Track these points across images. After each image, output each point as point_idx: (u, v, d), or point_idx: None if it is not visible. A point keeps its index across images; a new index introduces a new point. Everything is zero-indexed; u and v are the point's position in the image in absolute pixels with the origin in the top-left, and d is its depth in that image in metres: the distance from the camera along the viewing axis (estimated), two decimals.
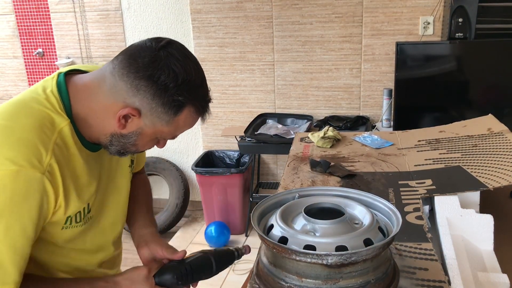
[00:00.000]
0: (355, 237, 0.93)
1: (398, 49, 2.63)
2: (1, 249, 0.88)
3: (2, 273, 0.89)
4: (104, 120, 0.98)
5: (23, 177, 0.87)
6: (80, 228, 1.04)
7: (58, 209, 0.96)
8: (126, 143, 1.01)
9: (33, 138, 0.90)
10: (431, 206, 1.40)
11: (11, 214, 0.88)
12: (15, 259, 0.90)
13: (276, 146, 2.96)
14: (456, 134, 1.89)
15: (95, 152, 1.05)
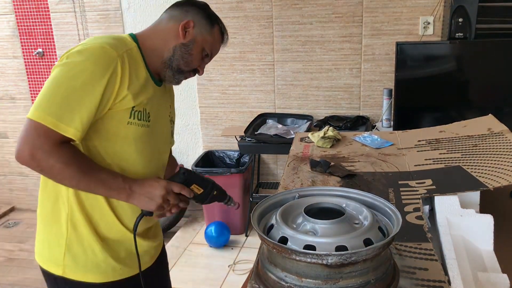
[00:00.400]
0: (355, 237, 0.93)
1: (398, 49, 2.63)
2: (76, 98, 1.12)
3: (69, 117, 1.11)
4: (166, 40, 1.30)
5: (105, 51, 1.16)
6: (141, 129, 1.26)
7: (122, 95, 1.19)
8: (184, 52, 1.30)
9: (113, 41, 1.21)
10: (431, 206, 1.40)
11: (91, 74, 1.13)
12: (83, 111, 1.13)
13: (276, 146, 2.96)
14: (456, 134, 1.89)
15: (157, 86, 1.35)
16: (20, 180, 3.99)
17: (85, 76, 1.13)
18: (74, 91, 1.12)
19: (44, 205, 1.36)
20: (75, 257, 1.27)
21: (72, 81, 1.12)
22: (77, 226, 1.27)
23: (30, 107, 3.81)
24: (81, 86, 1.12)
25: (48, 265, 1.30)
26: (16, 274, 3.10)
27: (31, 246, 3.45)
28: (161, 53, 1.30)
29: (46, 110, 1.10)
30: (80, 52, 1.16)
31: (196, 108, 3.47)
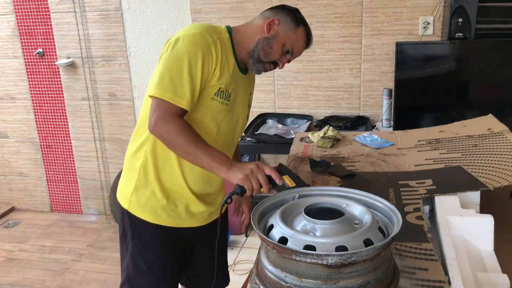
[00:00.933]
0: (355, 237, 0.93)
1: (398, 49, 2.63)
2: (185, 76, 1.35)
3: (181, 91, 1.35)
4: (254, 33, 1.50)
5: (203, 36, 1.39)
6: (220, 106, 1.46)
7: (214, 74, 1.41)
8: (266, 45, 1.48)
9: (209, 29, 1.44)
10: (431, 206, 1.40)
11: (194, 55, 1.36)
12: (191, 86, 1.36)
13: (276, 146, 2.96)
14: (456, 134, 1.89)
15: (242, 74, 1.55)
16: (20, 180, 3.99)
17: (189, 57, 1.36)
18: (182, 70, 1.35)
19: (129, 153, 1.57)
20: (139, 197, 1.52)
21: (179, 62, 1.36)
22: (147, 173, 1.51)
23: (30, 107, 3.81)
24: (187, 66, 1.36)
25: (121, 199, 1.56)
26: (16, 274, 3.10)
27: (31, 246, 3.45)
28: (247, 45, 1.50)
29: (164, 87, 1.34)
30: (183, 38, 1.38)
31: None
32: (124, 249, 1.59)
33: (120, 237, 1.61)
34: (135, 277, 1.58)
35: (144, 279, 1.58)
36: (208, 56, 1.39)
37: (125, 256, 1.59)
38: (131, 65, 3.47)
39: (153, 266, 1.57)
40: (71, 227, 3.74)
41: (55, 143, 3.81)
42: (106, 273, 3.04)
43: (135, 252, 1.56)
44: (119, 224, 1.58)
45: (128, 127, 3.63)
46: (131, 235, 1.55)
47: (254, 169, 1.29)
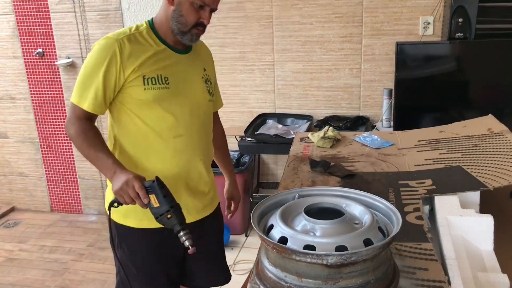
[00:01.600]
0: (355, 237, 0.93)
1: (398, 49, 2.63)
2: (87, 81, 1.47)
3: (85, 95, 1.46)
4: (165, 13, 1.54)
5: (106, 41, 1.48)
6: (159, 91, 1.51)
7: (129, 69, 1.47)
8: (177, 16, 1.50)
9: (121, 30, 1.53)
10: (431, 206, 1.40)
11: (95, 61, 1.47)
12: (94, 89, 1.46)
13: (276, 146, 2.96)
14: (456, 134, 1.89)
15: (178, 53, 1.59)
16: (20, 180, 3.99)
17: (92, 65, 1.48)
18: (86, 76, 1.48)
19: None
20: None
21: (86, 69, 1.49)
22: None
23: (30, 107, 3.80)
24: (89, 72, 1.48)
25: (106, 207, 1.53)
26: (16, 274, 3.10)
27: (31, 246, 3.45)
28: (167, 26, 1.55)
29: (74, 92, 1.49)
30: (94, 47, 1.51)
31: None
32: (115, 255, 1.61)
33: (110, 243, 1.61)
34: (127, 281, 1.60)
35: (136, 282, 1.61)
36: (111, 58, 1.46)
37: (116, 261, 1.62)
38: None
39: (143, 269, 1.60)
40: (71, 227, 3.74)
41: (55, 143, 3.81)
42: (106, 273, 3.04)
43: (124, 258, 1.59)
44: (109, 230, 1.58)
45: None
46: (118, 241, 1.59)
47: (124, 186, 1.35)
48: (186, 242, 1.36)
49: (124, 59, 1.47)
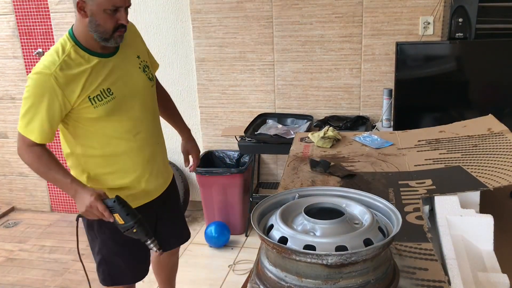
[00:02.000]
0: (355, 237, 0.93)
1: (398, 49, 2.63)
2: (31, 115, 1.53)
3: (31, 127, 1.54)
4: (81, 25, 1.56)
5: (40, 77, 1.52)
6: (108, 104, 1.59)
7: (73, 95, 1.54)
8: (95, 25, 1.53)
9: (50, 58, 1.54)
10: (431, 206, 1.40)
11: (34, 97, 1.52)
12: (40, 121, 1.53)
13: (276, 146, 2.96)
14: (456, 134, 1.89)
15: (110, 57, 1.63)
16: (20, 180, 3.99)
17: (32, 99, 1.53)
18: (28, 109, 1.54)
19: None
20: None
21: (26, 103, 1.54)
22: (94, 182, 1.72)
23: None
24: (31, 106, 1.53)
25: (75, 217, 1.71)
26: (16, 274, 3.10)
27: (31, 246, 3.45)
28: (89, 37, 1.57)
29: (19, 123, 1.57)
30: (30, 77, 1.54)
31: (196, 108, 3.48)
32: (93, 237, 1.81)
33: (86, 229, 1.82)
34: (109, 257, 1.82)
35: (117, 256, 1.82)
36: (51, 92, 1.52)
37: (95, 243, 1.82)
38: None
39: (123, 244, 1.76)
40: (71, 227, 3.74)
41: (55, 143, 3.81)
42: None
43: (105, 238, 1.78)
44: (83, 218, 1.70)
45: None
46: (98, 225, 1.75)
47: (88, 209, 1.52)
48: (154, 248, 1.59)
49: (65, 90, 1.53)
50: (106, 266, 1.85)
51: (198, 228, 3.45)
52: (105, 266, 1.86)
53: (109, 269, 1.86)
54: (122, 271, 1.85)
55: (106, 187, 1.71)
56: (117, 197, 1.53)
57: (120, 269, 1.85)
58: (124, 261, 1.84)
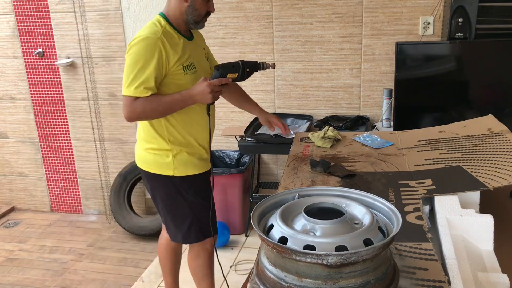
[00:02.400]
0: (355, 237, 0.93)
1: (398, 49, 2.63)
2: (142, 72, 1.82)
3: (140, 84, 1.82)
4: (179, 8, 1.93)
5: (150, 38, 1.84)
6: (193, 75, 1.93)
7: (172, 60, 1.86)
8: (192, 11, 1.91)
9: (154, 28, 1.89)
10: (431, 206, 1.40)
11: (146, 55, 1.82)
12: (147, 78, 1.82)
13: (276, 146, 2.96)
14: (456, 134, 1.89)
15: (189, 41, 2.00)
16: (20, 180, 3.99)
17: (142, 61, 1.82)
18: (139, 71, 1.82)
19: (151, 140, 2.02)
20: (179, 162, 2.01)
21: (135, 65, 1.82)
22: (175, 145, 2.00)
23: (30, 107, 3.81)
24: (141, 67, 1.82)
25: (162, 171, 2.02)
26: (16, 274, 3.11)
27: (31, 246, 3.45)
28: (181, 19, 1.93)
29: (127, 86, 1.83)
30: (137, 43, 1.84)
31: None
32: (181, 202, 2.06)
33: (171, 198, 2.07)
34: (199, 215, 2.07)
35: (204, 212, 2.08)
36: (159, 53, 1.82)
37: (183, 207, 2.07)
38: None
39: (205, 200, 2.09)
40: (71, 227, 3.74)
41: (55, 143, 3.81)
42: (106, 273, 3.04)
43: (192, 199, 2.06)
44: (167, 191, 2.04)
45: (128, 127, 3.62)
46: (185, 189, 2.04)
47: (211, 93, 1.81)
48: (270, 67, 1.92)
49: (168, 53, 1.84)
50: (198, 223, 2.09)
51: None
52: (197, 224, 2.09)
53: (200, 225, 2.10)
54: (208, 224, 2.10)
55: (180, 147, 2.00)
56: (215, 67, 1.83)
57: (207, 223, 2.09)
58: (210, 214, 2.09)
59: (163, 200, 2.09)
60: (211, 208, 2.08)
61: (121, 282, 2.93)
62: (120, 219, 3.51)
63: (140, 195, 3.79)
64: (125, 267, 3.09)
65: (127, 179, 3.59)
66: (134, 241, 3.43)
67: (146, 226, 3.42)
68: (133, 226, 3.44)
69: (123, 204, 3.56)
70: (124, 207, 3.55)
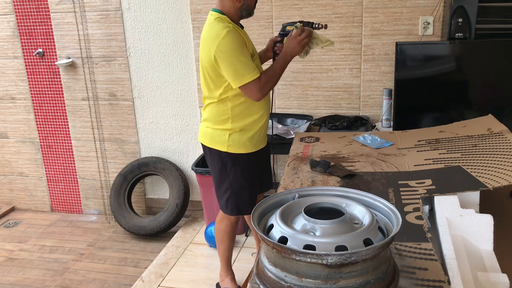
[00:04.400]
0: (355, 237, 0.93)
1: (398, 49, 2.63)
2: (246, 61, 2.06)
3: (250, 69, 2.06)
4: (233, 7, 2.16)
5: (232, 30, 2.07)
6: (255, 62, 2.16)
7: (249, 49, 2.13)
8: (245, 8, 2.18)
9: (221, 24, 2.09)
10: (431, 206, 1.41)
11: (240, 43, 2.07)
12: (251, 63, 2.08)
13: (276, 146, 2.96)
14: (456, 134, 1.90)
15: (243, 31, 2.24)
16: (20, 180, 3.99)
17: (240, 49, 2.06)
18: (242, 57, 2.06)
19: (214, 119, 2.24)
20: (234, 140, 2.23)
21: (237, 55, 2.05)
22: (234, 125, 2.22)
23: (30, 107, 3.81)
24: (241, 53, 2.05)
25: (218, 146, 2.25)
26: (16, 274, 3.11)
27: (31, 246, 3.46)
28: (236, 14, 2.18)
29: (241, 76, 2.06)
30: (223, 39, 2.02)
31: (196, 108, 3.48)
32: (225, 177, 2.29)
33: (218, 171, 2.30)
34: (238, 191, 2.30)
35: (244, 190, 2.30)
36: (243, 41, 2.09)
37: (225, 182, 2.30)
38: (131, 65, 3.47)
39: (249, 180, 2.30)
40: (72, 227, 3.74)
41: (55, 143, 3.81)
42: (106, 273, 3.04)
43: (237, 175, 2.27)
44: (216, 163, 2.28)
45: (128, 127, 3.63)
46: (231, 165, 2.26)
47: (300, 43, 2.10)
48: (323, 26, 2.16)
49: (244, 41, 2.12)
50: (235, 199, 2.31)
51: (198, 228, 3.45)
52: (234, 199, 2.31)
53: (237, 201, 2.31)
54: (246, 202, 2.32)
55: (237, 128, 2.21)
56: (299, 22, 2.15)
57: (245, 201, 2.31)
58: (249, 194, 2.32)
59: (213, 171, 2.34)
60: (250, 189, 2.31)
61: (121, 282, 2.93)
62: (120, 219, 3.51)
63: (140, 195, 3.79)
64: (125, 267, 3.10)
65: (127, 179, 3.60)
66: (134, 241, 3.43)
67: (146, 226, 3.42)
68: (133, 226, 3.44)
69: (123, 204, 3.56)
70: (124, 207, 3.55)
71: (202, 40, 2.15)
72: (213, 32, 2.06)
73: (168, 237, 3.36)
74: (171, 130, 3.59)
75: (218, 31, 2.03)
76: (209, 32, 2.10)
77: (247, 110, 2.22)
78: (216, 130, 2.25)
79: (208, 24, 2.16)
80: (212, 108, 2.24)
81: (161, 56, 3.40)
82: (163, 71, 3.44)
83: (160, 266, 2.97)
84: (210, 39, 2.07)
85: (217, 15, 2.13)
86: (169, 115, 3.54)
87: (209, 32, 2.10)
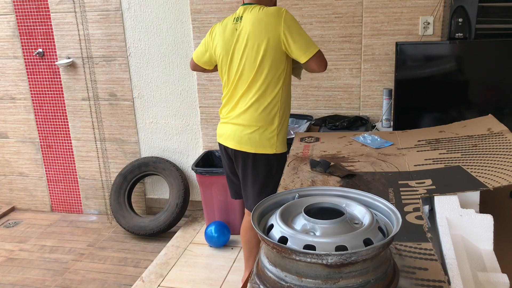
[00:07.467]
0: (355, 237, 0.93)
1: (398, 49, 2.63)
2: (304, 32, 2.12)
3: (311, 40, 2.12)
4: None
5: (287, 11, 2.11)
6: None
7: None
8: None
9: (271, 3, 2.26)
10: (431, 206, 1.41)
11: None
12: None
13: None
14: (456, 134, 1.90)
15: None
16: (20, 180, 3.99)
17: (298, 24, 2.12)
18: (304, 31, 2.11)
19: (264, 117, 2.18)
20: (279, 139, 2.21)
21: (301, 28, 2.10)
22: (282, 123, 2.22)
23: (30, 107, 3.81)
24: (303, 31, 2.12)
25: (266, 150, 2.20)
26: (16, 273, 3.11)
27: (31, 246, 3.46)
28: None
29: (311, 46, 2.08)
30: (287, 13, 2.06)
31: (196, 108, 3.48)
32: (270, 181, 2.22)
33: (264, 176, 2.23)
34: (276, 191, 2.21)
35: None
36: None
37: (270, 186, 2.22)
38: (131, 65, 3.47)
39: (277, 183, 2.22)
40: (72, 227, 3.74)
41: (55, 143, 3.82)
42: (107, 273, 3.04)
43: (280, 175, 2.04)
44: (262, 169, 2.21)
45: (128, 127, 3.63)
46: (277, 167, 2.19)
47: None
48: None
49: None
50: None
51: (198, 228, 3.45)
52: None
53: None
54: None
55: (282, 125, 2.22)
56: None
57: None
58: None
59: (257, 176, 2.24)
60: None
61: (121, 282, 2.93)
62: (120, 219, 3.51)
63: (140, 195, 3.79)
64: (125, 267, 3.10)
65: (127, 179, 3.60)
66: (134, 241, 3.43)
67: (146, 226, 3.42)
68: (133, 226, 3.44)
69: (123, 204, 3.56)
70: (124, 207, 3.55)
71: (258, 26, 2.08)
72: (272, 11, 2.06)
73: (168, 237, 3.36)
74: (171, 130, 3.59)
75: (276, 10, 2.06)
76: (266, 14, 2.06)
77: (288, 102, 2.25)
78: (264, 132, 2.18)
79: (257, 11, 2.11)
80: (258, 107, 2.17)
81: (161, 56, 3.40)
82: (163, 71, 3.44)
83: (160, 266, 2.97)
84: (271, 19, 2.05)
85: (253, 6, 2.15)
86: (169, 115, 3.54)
87: (265, 15, 2.06)
